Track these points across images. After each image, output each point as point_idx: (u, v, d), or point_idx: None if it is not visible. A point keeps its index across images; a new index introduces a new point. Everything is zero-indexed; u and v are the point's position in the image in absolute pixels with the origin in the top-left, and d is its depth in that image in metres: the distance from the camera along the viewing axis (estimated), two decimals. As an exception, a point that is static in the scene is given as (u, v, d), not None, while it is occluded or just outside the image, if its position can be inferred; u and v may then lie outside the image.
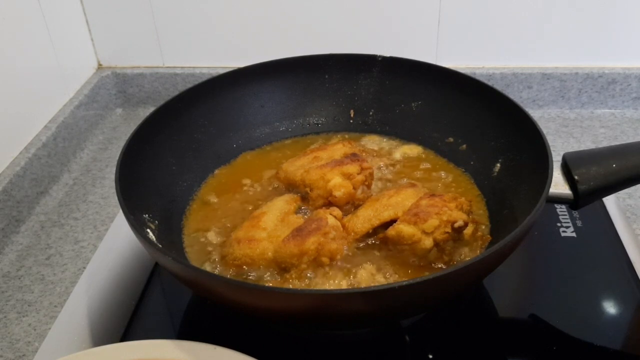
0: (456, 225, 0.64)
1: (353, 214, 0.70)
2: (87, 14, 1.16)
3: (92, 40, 1.19)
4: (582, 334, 0.66)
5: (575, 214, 0.82)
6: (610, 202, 0.84)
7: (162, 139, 0.78)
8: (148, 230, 0.66)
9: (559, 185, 0.66)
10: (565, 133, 1.09)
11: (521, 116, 0.73)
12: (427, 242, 0.64)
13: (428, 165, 0.82)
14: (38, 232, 0.90)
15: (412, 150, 0.85)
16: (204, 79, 0.88)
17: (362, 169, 0.73)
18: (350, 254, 0.66)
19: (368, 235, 0.68)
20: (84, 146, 1.10)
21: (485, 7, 1.08)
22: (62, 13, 1.08)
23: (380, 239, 0.67)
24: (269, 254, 0.64)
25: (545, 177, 0.63)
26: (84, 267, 0.81)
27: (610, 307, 0.70)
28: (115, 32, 1.18)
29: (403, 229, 0.64)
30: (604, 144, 1.06)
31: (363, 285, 0.63)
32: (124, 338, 0.67)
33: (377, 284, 0.63)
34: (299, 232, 0.64)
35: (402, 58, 0.88)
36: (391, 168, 0.82)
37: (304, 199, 0.74)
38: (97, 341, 0.67)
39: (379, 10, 1.11)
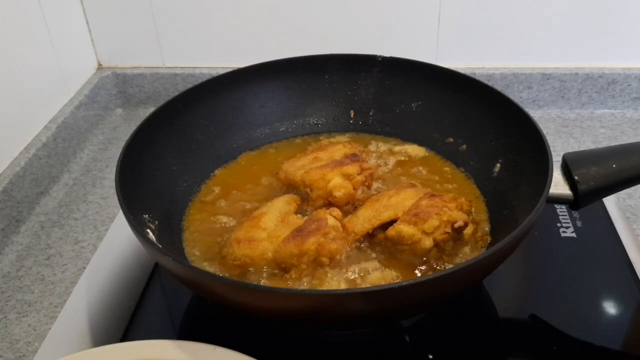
0: (456, 225, 0.64)
1: (353, 215, 0.69)
2: (87, 14, 1.16)
3: (92, 40, 1.19)
4: (582, 334, 0.66)
5: (575, 214, 0.83)
6: (610, 202, 0.84)
7: (162, 139, 0.78)
8: (148, 230, 0.66)
9: (559, 186, 0.66)
10: (565, 133, 1.09)
11: (521, 116, 0.73)
12: (427, 242, 0.64)
13: (428, 166, 0.82)
14: (38, 232, 0.90)
15: (412, 150, 0.85)
16: (204, 79, 0.88)
17: (362, 169, 0.73)
18: (350, 254, 0.66)
19: (368, 235, 0.68)
20: (84, 146, 1.10)
21: (485, 8, 1.08)
22: (62, 13, 1.08)
23: (380, 240, 0.67)
24: (269, 254, 0.64)
25: (545, 177, 0.63)
26: (84, 267, 0.81)
27: (610, 307, 0.70)
28: (115, 32, 1.18)
29: (403, 229, 0.64)
30: (604, 144, 1.06)
31: (363, 285, 0.63)
32: (124, 338, 0.67)
33: (377, 284, 0.63)
34: (299, 233, 0.64)
35: (402, 58, 0.88)
36: (391, 168, 0.82)
37: (304, 199, 0.74)
38: (97, 341, 0.67)
39: (379, 10, 1.11)
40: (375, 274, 0.64)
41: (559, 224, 0.81)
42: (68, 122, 1.05)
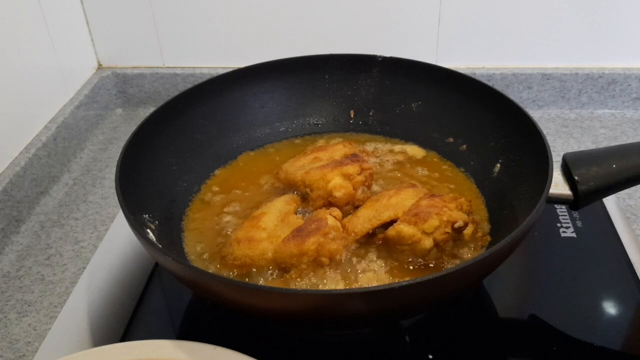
0: (456, 225, 0.64)
1: (353, 215, 0.70)
2: (87, 14, 1.16)
3: (92, 40, 1.19)
4: (582, 334, 0.66)
5: (575, 214, 0.83)
6: (610, 202, 0.84)
7: (162, 139, 0.78)
8: (148, 230, 0.66)
9: (559, 186, 0.66)
10: (565, 133, 1.09)
11: (521, 116, 0.73)
12: (427, 243, 0.64)
13: (428, 166, 0.82)
14: (38, 232, 0.90)
15: (412, 150, 0.85)
16: (204, 79, 0.88)
17: (362, 169, 0.73)
18: (350, 254, 0.66)
19: (368, 235, 0.68)
20: (84, 146, 1.10)
21: (486, 8, 1.08)
22: (62, 13, 1.08)
23: (380, 239, 0.67)
24: (269, 254, 0.64)
25: (545, 177, 0.63)
26: (84, 267, 0.81)
27: (610, 307, 0.70)
28: (115, 32, 1.18)
29: (403, 229, 0.64)
30: (604, 144, 1.06)
31: (363, 285, 0.63)
32: (124, 338, 0.68)
33: (377, 284, 0.63)
34: (298, 233, 0.64)
35: (402, 58, 0.88)
36: (391, 168, 0.82)
37: (304, 199, 0.74)
38: (97, 341, 0.67)
39: (379, 10, 1.11)
40: (375, 274, 0.64)
41: (559, 224, 0.81)
42: (68, 122, 1.05)
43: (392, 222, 0.67)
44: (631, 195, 0.92)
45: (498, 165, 0.77)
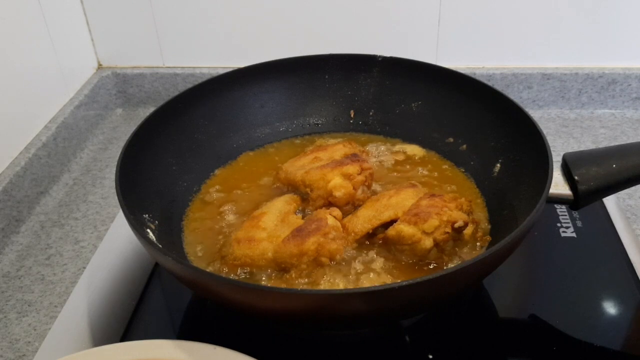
0: (456, 225, 0.64)
1: (353, 215, 0.70)
2: (87, 14, 1.16)
3: (92, 40, 1.19)
4: (582, 334, 0.66)
5: (575, 214, 0.83)
6: (610, 202, 0.84)
7: (162, 139, 0.78)
8: (148, 230, 0.66)
9: (559, 186, 0.66)
10: (565, 133, 1.09)
11: (521, 116, 0.73)
12: (427, 242, 0.64)
13: (428, 166, 0.82)
14: (38, 232, 0.90)
15: (412, 150, 0.85)
16: (204, 79, 0.88)
17: (362, 169, 0.73)
18: (350, 254, 0.66)
19: (368, 235, 0.68)
20: (84, 146, 1.10)
21: (486, 8, 1.08)
22: (62, 13, 1.08)
23: (380, 239, 0.67)
24: (269, 254, 0.64)
25: (545, 177, 0.63)
26: (84, 267, 0.81)
27: (610, 307, 0.70)
28: (115, 32, 1.18)
29: (403, 229, 0.64)
30: (604, 144, 1.06)
31: (363, 285, 0.63)
32: (124, 338, 0.68)
33: (377, 284, 0.63)
34: (298, 233, 0.64)
35: (402, 58, 0.88)
36: (391, 168, 0.82)
37: (304, 199, 0.74)
38: (97, 341, 0.67)
39: (379, 10, 1.11)
40: (375, 274, 0.64)
41: (559, 224, 0.81)
42: (68, 122, 1.05)
43: (392, 222, 0.67)
44: (631, 195, 0.92)
45: (498, 165, 0.77)
